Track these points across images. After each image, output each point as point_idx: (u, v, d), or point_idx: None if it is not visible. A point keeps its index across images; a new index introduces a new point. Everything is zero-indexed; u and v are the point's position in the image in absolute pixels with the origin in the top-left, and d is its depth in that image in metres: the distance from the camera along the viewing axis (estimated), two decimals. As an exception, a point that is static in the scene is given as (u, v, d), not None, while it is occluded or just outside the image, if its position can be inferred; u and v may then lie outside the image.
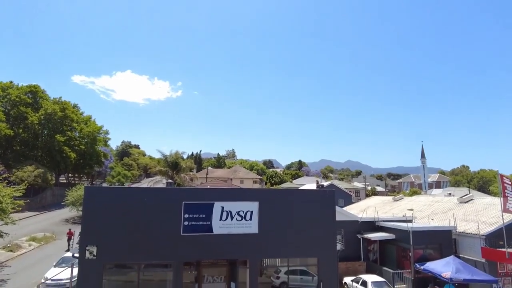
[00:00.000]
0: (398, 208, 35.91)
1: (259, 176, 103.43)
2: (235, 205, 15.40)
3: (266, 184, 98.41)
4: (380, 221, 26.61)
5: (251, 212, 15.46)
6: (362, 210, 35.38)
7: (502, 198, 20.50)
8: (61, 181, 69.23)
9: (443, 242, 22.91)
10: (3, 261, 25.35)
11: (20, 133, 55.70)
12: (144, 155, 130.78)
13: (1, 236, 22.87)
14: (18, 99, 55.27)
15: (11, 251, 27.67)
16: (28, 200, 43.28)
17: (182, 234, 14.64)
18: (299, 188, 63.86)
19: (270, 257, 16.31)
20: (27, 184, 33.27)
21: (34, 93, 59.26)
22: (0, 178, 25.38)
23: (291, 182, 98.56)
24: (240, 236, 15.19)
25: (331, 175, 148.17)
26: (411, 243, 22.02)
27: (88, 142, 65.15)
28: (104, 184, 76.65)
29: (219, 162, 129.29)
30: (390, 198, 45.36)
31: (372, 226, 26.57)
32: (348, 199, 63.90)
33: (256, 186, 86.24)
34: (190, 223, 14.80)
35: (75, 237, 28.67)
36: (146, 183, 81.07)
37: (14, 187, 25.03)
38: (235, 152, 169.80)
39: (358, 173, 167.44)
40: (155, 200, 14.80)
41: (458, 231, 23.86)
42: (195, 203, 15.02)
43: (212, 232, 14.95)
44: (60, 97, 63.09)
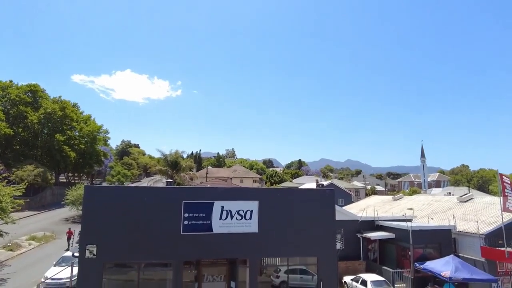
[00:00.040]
0: (397, 207, 35.93)
1: (259, 176, 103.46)
2: (235, 204, 15.40)
3: (266, 183, 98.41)
4: (380, 220, 26.64)
5: (251, 212, 15.46)
6: (362, 209, 35.41)
7: (501, 197, 20.53)
8: (61, 180, 69.23)
9: (443, 241, 22.94)
10: (3, 260, 25.36)
11: (19, 132, 55.68)
12: (144, 154, 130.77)
13: (1, 235, 22.86)
14: (17, 98, 55.24)
15: (11, 250, 27.68)
16: (28, 200, 43.32)
17: (182, 233, 14.63)
18: (299, 187, 63.87)
19: (270, 256, 16.30)
20: (27, 183, 33.27)
21: (34, 92, 59.22)
22: (0, 178, 25.38)
23: (291, 181, 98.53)
24: (240, 235, 15.19)
25: (331, 174, 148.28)
26: (410, 242, 22.03)
27: (88, 141, 65.15)
28: (104, 184, 76.62)
29: (219, 162, 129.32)
30: (389, 197, 45.38)
31: (372, 225, 26.59)
32: (348, 198, 63.93)
33: (256, 186, 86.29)
34: (190, 222, 14.79)
35: (74, 236, 28.68)
36: (146, 183, 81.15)
37: (14, 187, 25.03)
38: (235, 152, 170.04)
39: (358, 172, 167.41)
40: (155, 199, 14.79)
41: (457, 230, 23.88)
42: (195, 202, 15.02)
43: (212, 231, 14.95)
44: (59, 96, 63.22)
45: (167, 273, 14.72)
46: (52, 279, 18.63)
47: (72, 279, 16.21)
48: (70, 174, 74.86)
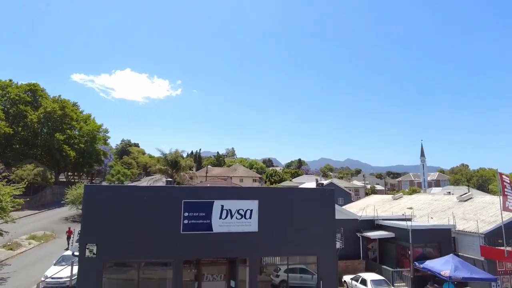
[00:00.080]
0: (397, 206, 35.97)
1: (259, 175, 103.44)
2: (235, 203, 15.40)
3: (265, 182, 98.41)
4: (380, 219, 26.66)
5: (251, 211, 15.46)
6: (361, 208, 35.45)
7: (501, 197, 20.54)
8: (60, 179, 69.22)
9: (442, 240, 22.97)
10: (3, 259, 25.37)
11: (19, 131, 55.67)
12: (143, 153, 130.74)
13: (1, 234, 22.88)
14: (17, 98, 55.21)
15: (11, 249, 27.71)
16: (28, 199, 43.34)
17: (182, 232, 14.64)
18: (299, 186, 63.92)
19: (269, 255, 16.31)
20: (27, 182, 33.20)
21: (34, 91, 59.19)
22: (0, 177, 25.38)
23: (290, 180, 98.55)
24: (240, 235, 15.20)
25: (331, 173, 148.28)
26: (410, 242, 22.06)
27: (87, 140, 65.13)
28: (103, 183, 76.62)
29: (219, 161, 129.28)
30: (389, 196, 45.41)
31: (372, 224, 26.62)
32: (347, 197, 64.00)
33: (256, 185, 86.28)
34: (190, 222, 14.80)
35: (74, 235, 28.69)
36: (145, 182, 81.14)
37: (13, 186, 25.03)
38: (234, 151, 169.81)
39: (358, 171, 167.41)
40: (155, 198, 14.79)
41: (457, 229, 23.91)
42: (194, 201, 15.02)
43: (212, 230, 14.95)
44: (59, 95, 63.16)
45: (167, 272, 14.73)
46: (52, 278, 18.64)
47: (72, 278, 16.23)
48: (70, 173, 74.86)
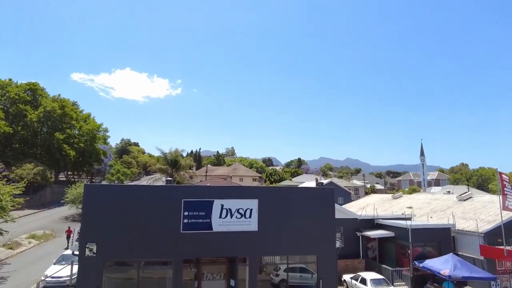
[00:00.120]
0: (397, 206, 36.00)
1: (259, 174, 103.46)
2: (235, 202, 15.41)
3: (265, 182, 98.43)
4: (379, 219, 26.69)
5: (251, 210, 15.47)
6: (361, 208, 35.47)
7: (501, 196, 20.56)
8: (60, 179, 69.18)
9: (442, 239, 22.99)
10: (3, 258, 25.39)
11: (19, 130, 55.63)
12: (143, 153, 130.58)
13: (1, 233, 22.88)
14: (17, 97, 55.15)
15: (11, 248, 27.72)
16: (28, 198, 43.09)
17: (181, 231, 14.65)
18: (299, 186, 63.98)
19: (269, 254, 16.33)
20: (27, 182, 33.17)
21: (34, 90, 59.14)
22: (0, 176, 25.37)
23: (290, 180, 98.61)
24: (240, 234, 15.20)
25: (331, 173, 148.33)
26: (410, 241, 22.09)
27: (87, 140, 65.04)
28: (103, 182, 76.59)
29: (219, 160, 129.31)
30: (389, 196, 45.44)
31: (371, 224, 26.64)
32: (347, 197, 64.02)
33: (256, 184, 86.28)
34: (190, 221, 14.81)
35: (74, 234, 28.71)
36: (145, 181, 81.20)
37: (13, 185, 25.04)
38: (234, 150, 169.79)
39: (358, 171, 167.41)
40: (155, 198, 14.80)
41: (457, 228, 23.93)
42: (194, 201, 15.02)
43: (212, 229, 14.96)
44: (59, 94, 63.09)
45: (167, 271, 14.74)
46: (52, 277, 18.65)
47: (72, 277, 16.24)
48: (69, 173, 74.82)
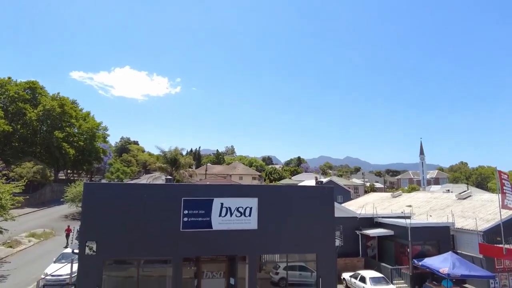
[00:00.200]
0: (396, 204, 36.06)
1: (258, 173, 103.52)
2: (235, 201, 15.42)
3: (265, 180, 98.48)
4: (379, 217, 26.74)
5: (250, 208, 15.48)
6: (360, 206, 35.52)
7: (500, 195, 20.61)
8: (60, 177, 69.16)
9: (441, 238, 23.05)
10: (3, 257, 25.42)
11: (18, 129, 55.56)
12: (143, 151, 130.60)
13: (1, 232, 22.92)
14: (16, 95, 55.06)
15: (11, 247, 27.76)
16: (27, 197, 43.08)
17: (181, 230, 14.66)
18: (298, 184, 64.02)
19: (269, 253, 16.37)
20: (26, 180, 33.22)
21: (33, 89, 59.06)
22: (0, 175, 25.39)
23: (290, 178, 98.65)
24: (239, 232, 15.22)
25: (330, 171, 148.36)
26: (409, 239, 22.14)
27: (87, 138, 65.01)
28: (103, 181, 76.60)
29: (218, 159, 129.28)
30: (388, 194, 45.49)
31: (371, 222, 26.69)
32: (347, 195, 64.04)
33: (255, 183, 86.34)
34: (190, 219, 14.82)
35: (73, 233, 28.74)
36: (145, 180, 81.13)
37: (13, 184, 25.05)
38: (234, 149, 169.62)
39: (357, 169, 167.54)
40: (155, 196, 14.80)
41: (456, 227, 23.99)
42: (194, 199, 15.03)
43: (212, 228, 14.98)
44: (58, 93, 62.99)
45: (167, 269, 14.76)
46: (52, 275, 18.67)
47: (72, 276, 16.26)
48: (69, 171, 74.81)
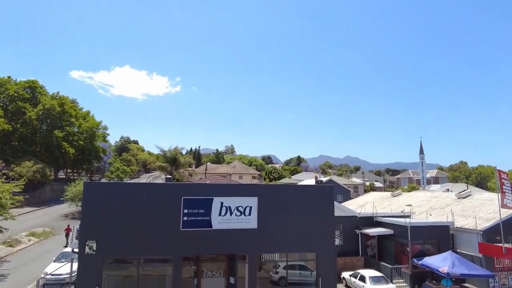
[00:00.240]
0: (396, 203, 36.07)
1: (258, 172, 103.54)
2: (234, 200, 15.42)
3: (265, 179, 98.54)
4: (379, 216, 26.75)
5: (250, 208, 15.48)
6: (360, 205, 35.54)
7: (499, 194, 20.62)
8: (60, 176, 69.14)
9: (441, 237, 23.06)
10: (3, 256, 25.43)
11: (18, 128, 55.49)
12: (143, 150, 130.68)
13: (0, 231, 22.92)
14: (16, 94, 55.02)
15: (11, 246, 27.77)
16: (27, 196, 43.22)
17: (181, 229, 14.65)
18: (298, 183, 64.01)
19: (269, 252, 16.35)
20: (26, 179, 33.23)
21: (33, 88, 59.02)
22: (-1, 174, 25.40)
23: (290, 177, 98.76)
24: (239, 231, 15.22)
25: (330, 170, 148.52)
26: (409, 239, 22.14)
27: (86, 137, 64.99)
28: (103, 180, 76.62)
29: (218, 158, 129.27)
30: (388, 193, 45.52)
31: (371, 221, 26.70)
32: (346, 194, 64.08)
33: (255, 182, 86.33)
34: (189, 219, 14.82)
35: (73, 232, 28.74)
36: (145, 179, 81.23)
37: (13, 183, 25.05)
38: (234, 148, 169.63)
39: (357, 168, 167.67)
40: (154, 195, 14.79)
41: (455, 226, 24.02)
42: (194, 198, 15.03)
43: (211, 227, 14.97)
44: (58, 92, 62.93)
45: (167, 269, 14.76)
46: (52, 274, 18.69)
47: (72, 275, 16.27)
48: (69, 170, 74.78)
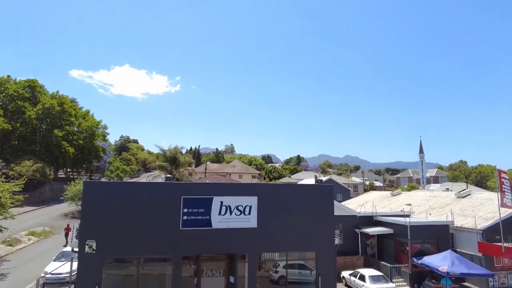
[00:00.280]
0: (396, 203, 36.10)
1: (258, 171, 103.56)
2: (234, 199, 15.42)
3: (264, 179, 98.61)
4: (378, 215, 26.76)
5: (250, 207, 15.49)
6: (360, 204, 35.56)
7: (499, 193, 20.64)
8: (59, 175, 69.16)
9: (441, 236, 23.09)
10: (3, 255, 25.44)
11: (18, 127, 55.49)
12: (142, 149, 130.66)
13: (0, 230, 22.91)
14: (15, 94, 55.01)
15: (11, 245, 27.78)
16: (27, 195, 43.26)
17: (181, 228, 14.65)
18: (298, 183, 64.07)
19: (268, 251, 16.36)
20: (26, 179, 33.22)
21: (32, 87, 59.01)
22: (-1, 173, 25.40)
23: (289, 177, 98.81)
24: (239, 231, 15.22)
25: (330, 170, 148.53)
26: (408, 238, 22.18)
27: (86, 136, 65.00)
28: (102, 179, 76.64)
29: (218, 157, 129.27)
30: (388, 193, 45.57)
31: (370, 220, 26.72)
32: (346, 194, 64.12)
33: (255, 181, 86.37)
34: (189, 218, 14.82)
35: (73, 231, 28.75)
36: (145, 178, 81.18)
37: (13, 182, 25.04)
38: (234, 147, 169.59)
39: (357, 168, 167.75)
40: (154, 195, 14.78)
41: (455, 225, 24.04)
42: (194, 197, 15.02)
43: (211, 226, 14.97)
44: (57, 91, 62.90)
45: (167, 268, 14.77)
46: (52, 274, 18.70)
47: (72, 274, 16.27)
48: (69, 170, 74.79)
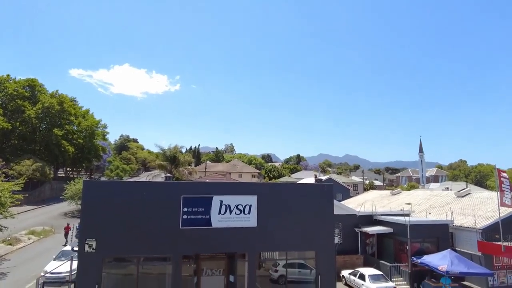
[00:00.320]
0: (396, 202, 36.11)
1: (258, 170, 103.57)
2: (234, 198, 15.42)
3: (264, 178, 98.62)
4: (378, 215, 26.78)
5: (250, 206, 15.49)
6: (360, 204, 35.59)
7: (498, 192, 20.65)
8: (59, 175, 69.15)
9: (440, 235, 23.10)
10: (2, 254, 25.45)
11: (17, 126, 55.41)
12: (142, 149, 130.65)
13: (0, 230, 22.91)
14: (15, 93, 54.94)
15: (11, 244, 27.78)
16: (27, 194, 43.32)
17: (181, 227, 14.66)
18: (298, 182, 64.05)
19: (268, 250, 16.36)
20: (26, 178, 33.22)
21: (32, 86, 58.92)
22: (-1, 172, 25.38)
23: (289, 176, 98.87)
24: (239, 230, 15.23)
25: (330, 169, 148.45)
26: (408, 237, 22.20)
27: (86, 136, 64.95)
28: (102, 178, 76.61)
29: (218, 156, 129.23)
30: (388, 192, 45.59)
31: (370, 220, 26.74)
32: (346, 193, 64.18)
33: (255, 180, 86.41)
34: (189, 217, 14.82)
35: (73, 230, 28.76)
36: (144, 177, 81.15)
37: (12, 181, 25.03)
38: (233, 146, 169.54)
39: (356, 167, 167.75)
40: (154, 194, 14.78)
41: (455, 225, 24.05)
42: (194, 197, 15.02)
43: (211, 225, 14.98)
44: (57, 90, 62.83)
45: (166, 267, 14.78)
46: (52, 273, 18.72)
47: (72, 273, 16.28)
48: (68, 169, 74.75)
